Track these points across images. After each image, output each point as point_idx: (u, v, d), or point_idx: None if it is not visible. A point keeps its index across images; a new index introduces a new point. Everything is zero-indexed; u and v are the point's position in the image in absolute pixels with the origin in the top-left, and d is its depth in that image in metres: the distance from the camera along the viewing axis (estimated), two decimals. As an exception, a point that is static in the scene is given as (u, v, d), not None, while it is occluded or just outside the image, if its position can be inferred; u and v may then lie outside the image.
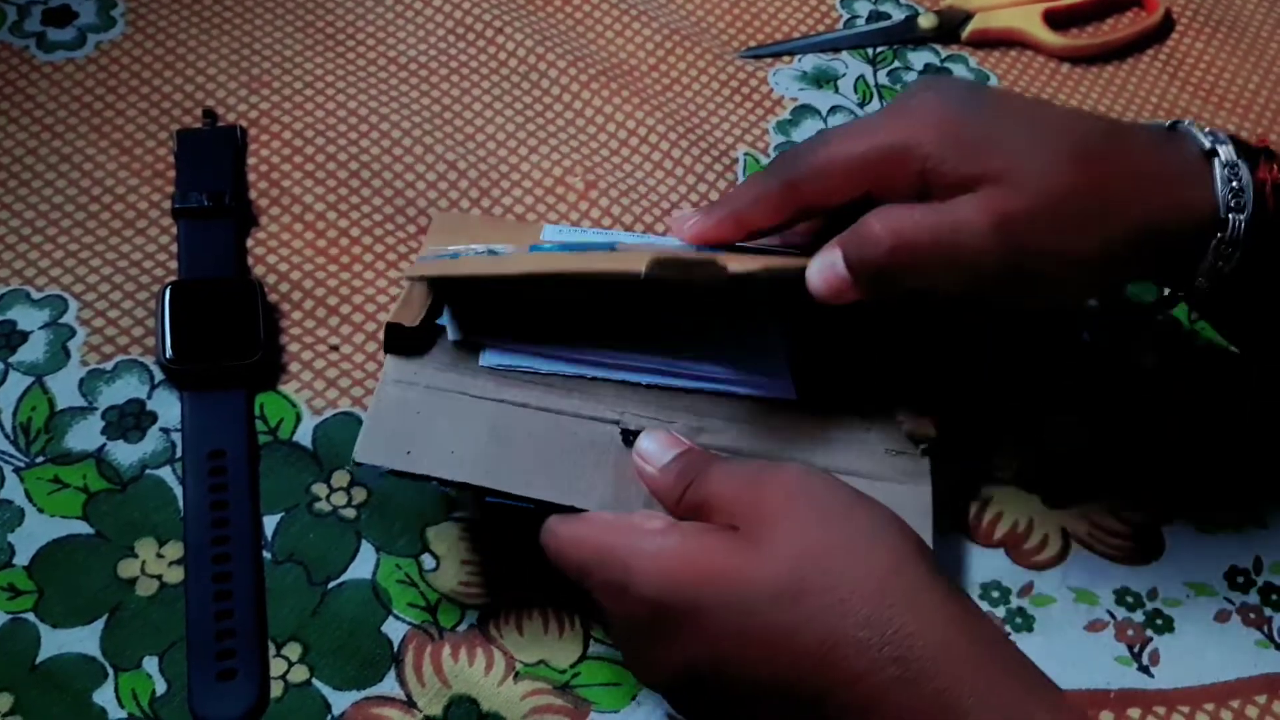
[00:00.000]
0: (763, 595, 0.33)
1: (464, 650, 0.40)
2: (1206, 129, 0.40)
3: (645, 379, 0.43)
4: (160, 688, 0.39)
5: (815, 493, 0.36)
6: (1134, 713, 0.41)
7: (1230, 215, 0.39)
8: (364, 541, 0.43)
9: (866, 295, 0.39)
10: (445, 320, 0.43)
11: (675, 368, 0.44)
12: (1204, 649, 0.42)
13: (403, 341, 0.42)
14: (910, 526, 0.36)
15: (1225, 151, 0.39)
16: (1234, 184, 0.39)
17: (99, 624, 0.40)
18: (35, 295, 0.47)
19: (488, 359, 0.42)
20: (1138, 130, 0.42)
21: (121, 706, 0.38)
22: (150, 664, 0.39)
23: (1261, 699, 0.41)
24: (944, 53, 0.61)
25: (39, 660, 0.39)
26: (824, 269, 0.40)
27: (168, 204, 0.50)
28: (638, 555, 0.35)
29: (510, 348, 0.43)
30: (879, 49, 0.60)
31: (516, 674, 0.40)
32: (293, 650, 0.40)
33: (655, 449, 0.39)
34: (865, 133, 0.40)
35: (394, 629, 0.41)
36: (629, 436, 0.41)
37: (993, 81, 0.59)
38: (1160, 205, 0.39)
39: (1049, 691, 0.33)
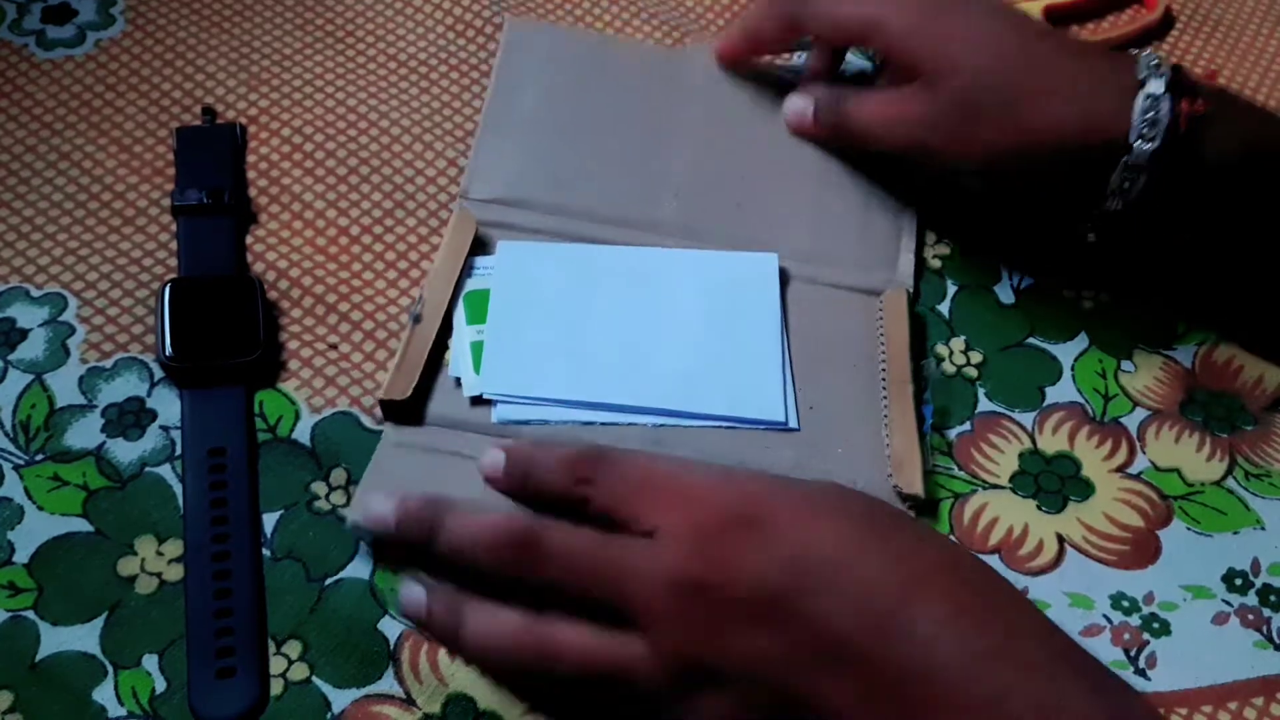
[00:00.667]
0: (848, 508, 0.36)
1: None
2: (1155, 60, 0.45)
3: (651, 420, 0.45)
4: (160, 686, 0.39)
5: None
6: (1130, 715, 0.41)
7: (1137, 143, 0.43)
8: (361, 542, 0.43)
9: (821, 139, 0.52)
10: (460, 372, 0.45)
11: (679, 407, 0.45)
12: (1201, 651, 0.42)
13: (400, 409, 0.44)
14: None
15: (1154, 84, 0.43)
16: (1150, 114, 0.43)
17: (99, 622, 0.40)
18: (34, 293, 0.47)
19: (500, 414, 0.44)
20: (1086, 52, 0.48)
21: (121, 704, 0.39)
22: (150, 662, 0.39)
23: (1259, 701, 0.41)
24: (944, 51, 0.60)
25: (39, 658, 0.39)
26: (798, 111, 0.53)
27: (167, 201, 0.50)
28: (695, 473, 0.38)
29: (523, 400, 0.45)
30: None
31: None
32: (292, 648, 0.40)
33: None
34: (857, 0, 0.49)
35: (390, 627, 0.41)
36: None
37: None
38: (1071, 121, 0.44)
39: (1073, 651, 0.34)
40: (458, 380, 0.45)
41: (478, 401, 0.45)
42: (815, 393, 0.47)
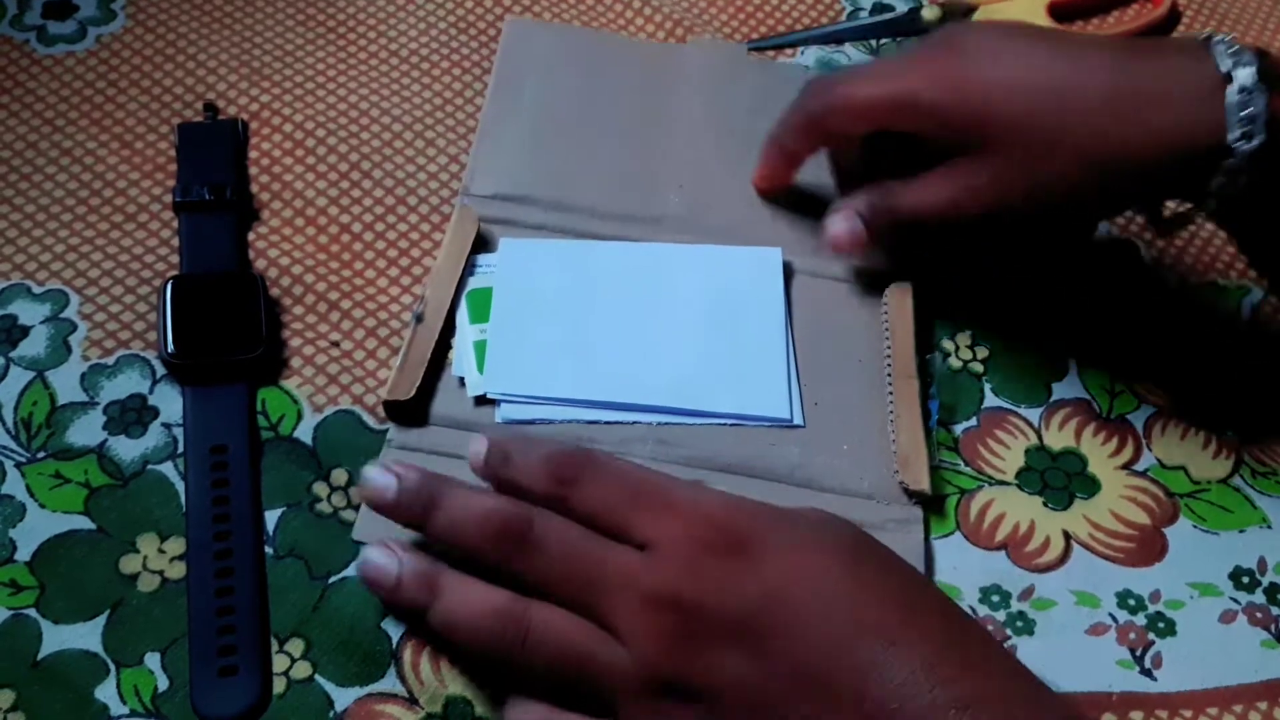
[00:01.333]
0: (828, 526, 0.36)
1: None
2: (1235, 46, 0.40)
3: (656, 418, 0.45)
4: (162, 684, 0.39)
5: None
6: (1136, 716, 0.41)
7: (1239, 144, 0.39)
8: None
9: (879, 246, 0.47)
10: (463, 371, 0.45)
11: (683, 406, 0.45)
12: (1207, 651, 0.42)
13: (403, 410, 0.44)
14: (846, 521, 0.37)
15: (1242, 75, 0.39)
16: (1245, 112, 0.38)
17: (100, 620, 0.40)
18: (36, 290, 0.47)
19: (504, 414, 0.45)
20: (1147, 52, 0.42)
21: (123, 703, 0.38)
22: (152, 660, 0.39)
23: (1263, 705, 0.41)
24: (948, 46, 0.60)
25: (40, 656, 0.39)
26: (847, 232, 0.46)
27: (169, 198, 0.50)
28: (686, 489, 0.37)
29: (527, 400, 0.45)
30: (882, 41, 0.60)
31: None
32: (295, 646, 0.40)
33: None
34: (882, 78, 0.44)
35: (393, 626, 0.41)
36: None
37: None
38: (1164, 134, 0.40)
39: (1051, 698, 0.34)
40: (461, 380, 0.45)
41: (481, 401, 0.45)
42: (820, 389, 0.46)
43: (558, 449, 0.39)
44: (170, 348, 0.44)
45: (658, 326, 0.47)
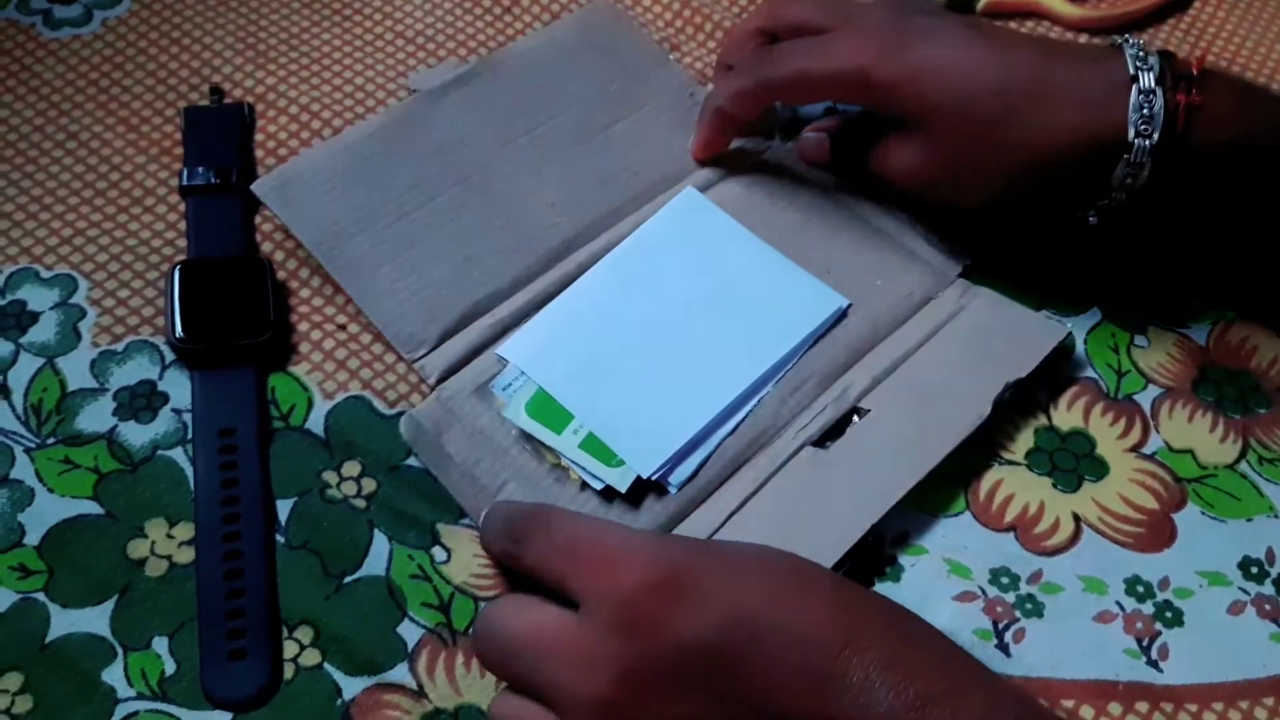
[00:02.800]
0: (766, 566, 0.36)
1: (476, 662, 0.40)
2: (1142, 51, 0.44)
3: (763, 389, 0.45)
4: (170, 668, 0.39)
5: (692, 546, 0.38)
6: (1142, 706, 0.40)
7: (1137, 140, 0.42)
8: (376, 531, 0.42)
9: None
10: (603, 479, 0.43)
11: (769, 365, 0.46)
12: (1215, 644, 0.42)
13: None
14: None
15: (1146, 79, 0.43)
16: (1145, 110, 0.42)
17: (109, 604, 0.40)
18: (45, 274, 0.47)
19: (677, 481, 0.43)
20: (1069, 54, 0.45)
21: (131, 685, 0.39)
22: (160, 644, 0.40)
23: (1270, 701, 0.41)
24: (959, 24, 0.60)
25: (49, 639, 0.39)
26: (816, 141, 0.51)
27: (175, 181, 0.50)
28: (631, 537, 0.37)
29: (674, 459, 0.43)
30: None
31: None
32: (304, 634, 0.40)
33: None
34: (835, 54, 0.46)
35: (409, 631, 0.41)
36: None
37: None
38: (1066, 134, 0.43)
39: (1006, 689, 0.34)
40: (610, 490, 0.43)
41: (646, 487, 0.43)
42: (819, 260, 0.49)
43: (516, 509, 0.40)
44: (179, 333, 0.45)
45: (682, 317, 0.47)
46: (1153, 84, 0.42)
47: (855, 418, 0.45)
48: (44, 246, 0.48)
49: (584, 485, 0.43)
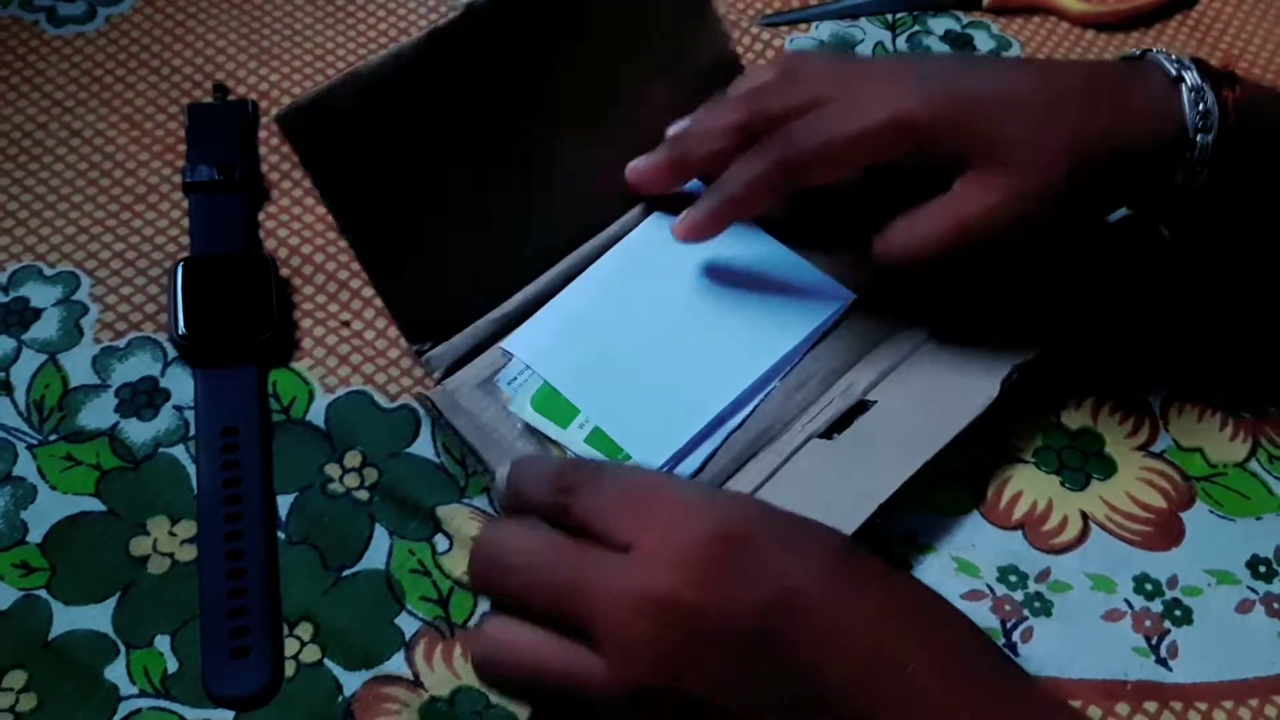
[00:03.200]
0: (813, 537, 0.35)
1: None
2: (1172, 56, 0.43)
3: (771, 383, 0.45)
4: (172, 666, 0.39)
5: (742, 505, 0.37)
6: (1151, 706, 0.40)
7: (1199, 136, 0.42)
8: (377, 525, 0.42)
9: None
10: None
11: (776, 359, 0.46)
12: (1224, 642, 0.41)
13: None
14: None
15: (1191, 77, 0.42)
16: (1200, 107, 0.42)
17: (111, 602, 0.40)
18: (48, 271, 0.47)
19: (685, 473, 0.44)
20: (1109, 69, 0.45)
21: (133, 683, 0.39)
22: (162, 642, 0.39)
23: (1280, 698, 0.41)
24: (965, 19, 0.59)
25: (51, 637, 0.39)
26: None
27: (179, 178, 0.50)
28: (682, 489, 0.35)
29: (677, 455, 0.44)
30: (898, 14, 0.59)
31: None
32: (305, 630, 0.40)
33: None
34: (856, 111, 0.42)
35: (407, 623, 0.40)
36: None
37: (1015, 50, 0.58)
38: (1133, 136, 0.42)
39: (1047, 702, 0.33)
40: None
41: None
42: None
43: (567, 462, 0.38)
44: (181, 330, 0.44)
45: (689, 310, 0.47)
46: (1199, 81, 0.42)
47: (862, 411, 0.45)
48: (47, 244, 0.48)
49: None
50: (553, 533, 0.35)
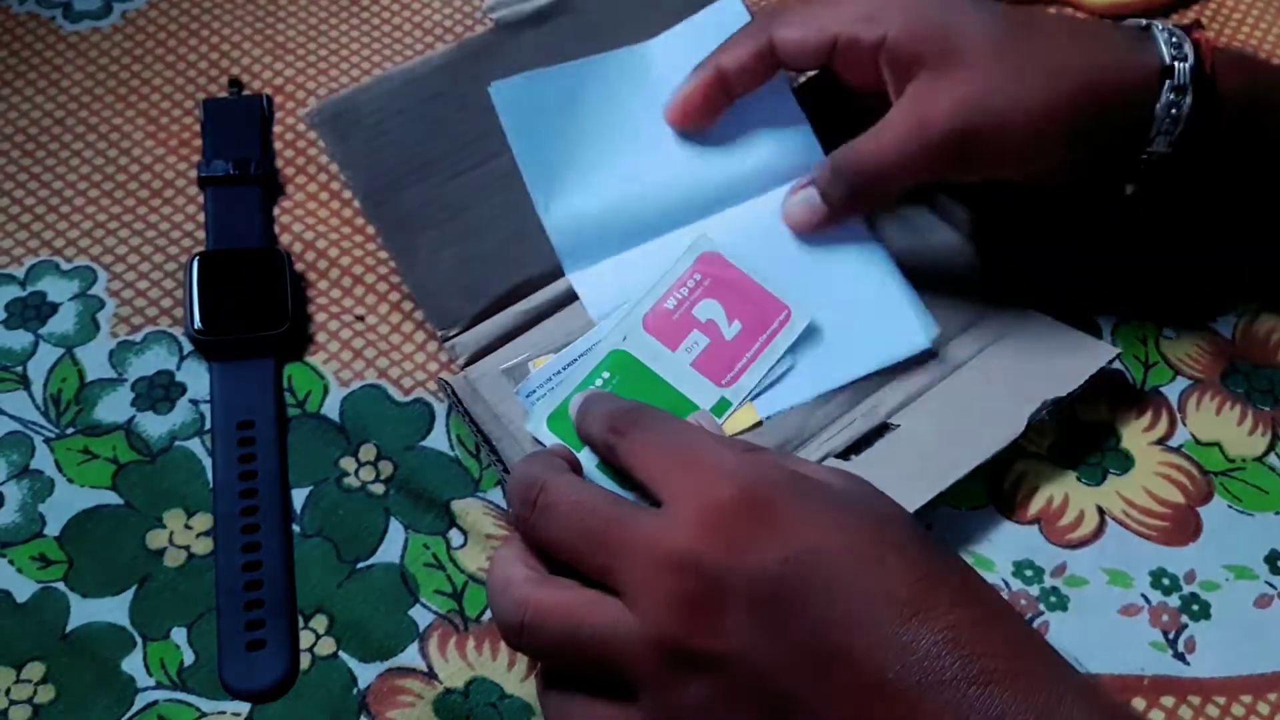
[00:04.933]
0: (850, 500, 0.34)
1: (488, 643, 0.40)
2: (1140, 20, 0.45)
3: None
4: (189, 658, 0.39)
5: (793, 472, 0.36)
6: (1168, 701, 0.40)
7: (1175, 63, 0.42)
8: (392, 519, 0.42)
9: (841, 218, 0.46)
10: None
11: (828, 380, 0.45)
12: (1242, 637, 0.41)
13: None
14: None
15: (1160, 27, 0.43)
16: (1174, 40, 0.43)
17: (128, 594, 0.40)
18: (65, 266, 0.47)
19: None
20: (1076, 18, 0.48)
21: (150, 675, 0.39)
22: (179, 635, 0.40)
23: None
24: (982, 12, 0.59)
25: (69, 629, 0.39)
26: (805, 205, 0.46)
27: (195, 173, 0.50)
28: (730, 448, 0.35)
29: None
30: None
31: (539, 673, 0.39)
32: (320, 623, 0.40)
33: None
34: (840, 5, 0.45)
35: (420, 615, 0.41)
36: None
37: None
38: (1106, 60, 0.42)
39: (1074, 675, 0.32)
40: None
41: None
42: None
43: (627, 404, 0.39)
44: (197, 324, 0.45)
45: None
46: (1170, 28, 0.43)
47: (883, 433, 0.44)
48: (64, 239, 0.48)
49: None
50: (591, 484, 0.36)
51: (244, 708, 0.38)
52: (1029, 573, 0.42)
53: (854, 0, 0.45)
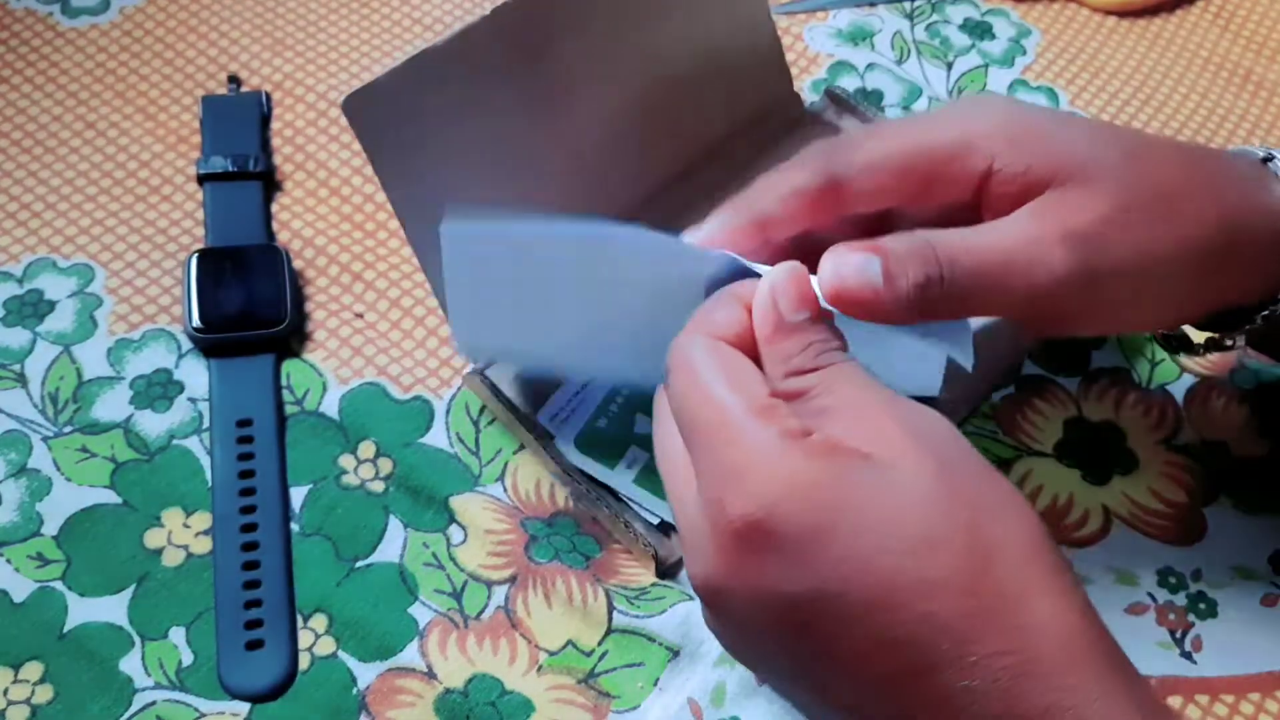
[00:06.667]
0: (899, 538, 0.28)
1: (488, 640, 0.40)
2: (1257, 149, 0.39)
3: None
4: (187, 658, 0.39)
5: (957, 445, 0.31)
6: (1175, 700, 0.40)
7: None
8: (392, 517, 0.42)
9: (896, 317, 0.33)
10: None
11: None
12: (1249, 635, 0.41)
13: None
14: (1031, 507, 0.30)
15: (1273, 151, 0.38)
16: None
17: (126, 594, 0.40)
18: (62, 263, 0.47)
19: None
20: (1197, 145, 0.40)
21: (149, 675, 0.39)
22: (177, 634, 0.39)
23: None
24: (984, 6, 0.59)
25: (66, 629, 0.39)
26: (854, 273, 0.33)
27: (193, 170, 0.50)
28: (764, 453, 0.29)
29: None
30: (916, 3, 0.59)
31: (540, 668, 0.39)
32: (319, 622, 0.40)
33: (790, 292, 0.32)
34: (923, 126, 0.36)
35: (420, 612, 0.40)
36: None
37: (1035, 36, 0.58)
38: (1235, 201, 0.35)
39: (1149, 697, 0.30)
40: (662, 523, 0.41)
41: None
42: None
43: (685, 342, 0.33)
44: (195, 322, 0.44)
45: None
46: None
47: None
48: (62, 236, 0.48)
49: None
50: (728, 399, 0.31)
51: (243, 708, 0.38)
52: (1034, 571, 0.42)
53: (935, 123, 0.36)
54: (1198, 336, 0.41)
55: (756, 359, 0.32)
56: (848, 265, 0.33)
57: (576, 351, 0.39)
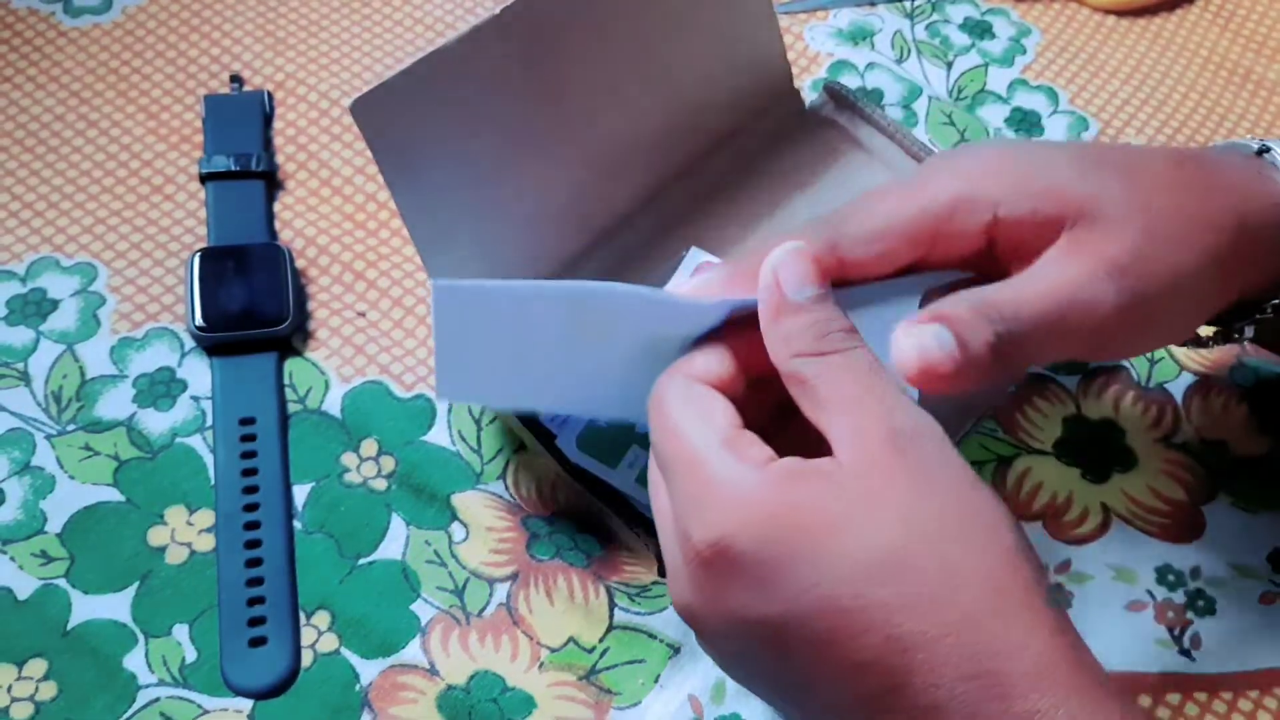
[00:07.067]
0: (861, 562, 0.28)
1: (490, 637, 0.40)
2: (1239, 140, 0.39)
3: None
4: (190, 655, 0.39)
5: (940, 455, 0.30)
6: (1174, 698, 0.40)
7: None
8: (394, 515, 0.42)
9: (972, 383, 0.32)
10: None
11: None
12: (1248, 632, 0.41)
13: None
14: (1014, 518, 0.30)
15: (1278, 146, 0.38)
16: None
17: (130, 591, 0.40)
18: (65, 262, 0.47)
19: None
20: (1186, 149, 0.40)
21: (152, 672, 0.39)
22: (180, 632, 0.39)
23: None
24: (984, 5, 0.59)
25: (70, 626, 0.39)
26: (935, 347, 0.32)
27: (195, 169, 0.50)
28: (723, 483, 0.30)
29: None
30: (916, 2, 0.59)
31: (541, 664, 0.40)
32: (321, 619, 0.40)
33: (794, 270, 0.33)
34: (918, 187, 0.35)
35: (422, 609, 0.41)
36: None
37: (1035, 36, 0.58)
38: (1241, 199, 0.36)
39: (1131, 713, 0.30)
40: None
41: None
42: None
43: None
44: (198, 321, 0.44)
45: None
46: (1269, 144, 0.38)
47: None
48: (65, 235, 0.48)
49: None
50: (690, 412, 0.32)
51: (246, 705, 0.38)
52: (1033, 569, 0.42)
53: (929, 182, 0.35)
54: (1205, 330, 0.41)
55: (735, 398, 0.33)
56: (927, 338, 0.32)
57: (561, 402, 0.39)
